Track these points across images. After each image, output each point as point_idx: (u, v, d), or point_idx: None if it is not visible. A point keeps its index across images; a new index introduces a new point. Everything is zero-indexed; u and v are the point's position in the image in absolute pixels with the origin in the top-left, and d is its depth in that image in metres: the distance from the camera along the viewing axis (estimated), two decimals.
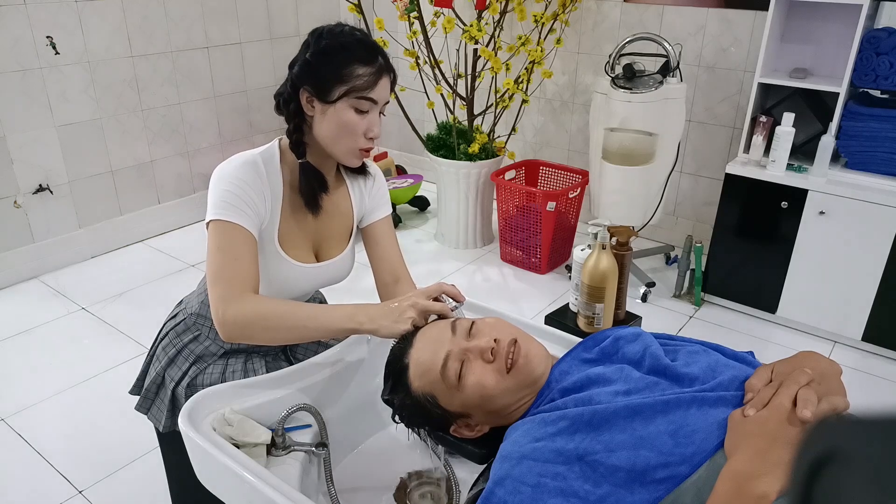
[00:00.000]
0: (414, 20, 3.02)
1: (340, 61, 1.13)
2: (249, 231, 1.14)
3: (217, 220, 1.12)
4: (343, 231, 1.32)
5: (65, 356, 2.49)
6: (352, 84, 1.13)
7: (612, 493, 0.78)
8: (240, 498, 0.99)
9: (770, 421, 0.76)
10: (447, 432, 1.01)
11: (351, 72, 1.12)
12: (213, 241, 1.12)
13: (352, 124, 1.15)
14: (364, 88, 1.13)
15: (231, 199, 1.13)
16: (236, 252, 1.12)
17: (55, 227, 3.10)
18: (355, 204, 1.33)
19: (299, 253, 1.24)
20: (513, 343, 0.95)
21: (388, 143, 4.47)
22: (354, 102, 1.14)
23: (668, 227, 3.38)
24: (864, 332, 2.49)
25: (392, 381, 1.02)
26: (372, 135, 1.17)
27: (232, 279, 1.10)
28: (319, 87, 1.14)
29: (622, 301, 1.80)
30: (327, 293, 1.54)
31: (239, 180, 1.14)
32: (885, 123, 2.38)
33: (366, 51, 1.14)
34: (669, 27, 3.08)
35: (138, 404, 1.36)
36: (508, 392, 0.94)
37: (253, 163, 1.17)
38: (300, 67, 1.15)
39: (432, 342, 0.98)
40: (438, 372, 0.95)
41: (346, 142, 1.17)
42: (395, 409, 1.03)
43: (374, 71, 1.14)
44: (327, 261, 1.29)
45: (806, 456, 0.36)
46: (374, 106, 1.16)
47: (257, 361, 1.30)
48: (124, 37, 3.13)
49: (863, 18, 2.31)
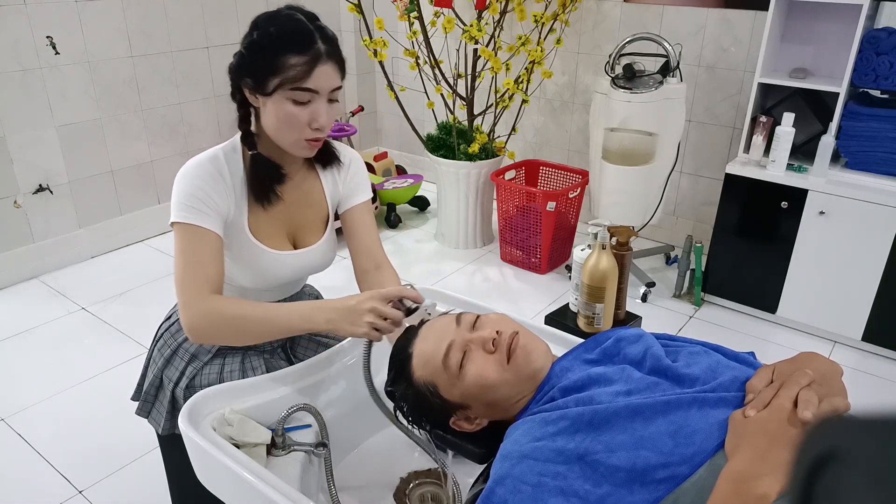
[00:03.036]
0: (414, 20, 3.02)
1: (272, 51, 1.07)
2: (210, 230, 1.13)
3: (177, 222, 1.13)
4: (318, 219, 1.30)
5: (65, 356, 2.49)
6: (284, 75, 1.07)
7: (612, 493, 0.78)
8: (240, 498, 0.99)
9: (771, 421, 0.76)
10: (446, 425, 1.02)
11: (283, 62, 1.07)
12: (177, 244, 1.13)
13: (292, 116, 1.10)
14: (298, 79, 1.07)
15: (189, 201, 1.12)
16: (197, 255, 1.12)
17: (55, 227, 3.10)
18: (328, 191, 1.30)
19: (274, 241, 1.23)
20: (514, 335, 0.97)
21: (388, 143, 4.47)
22: (291, 94, 1.09)
23: (668, 227, 3.38)
24: (864, 332, 2.49)
25: (395, 372, 1.03)
26: (317, 125, 1.12)
27: (192, 283, 1.10)
28: (256, 80, 1.10)
29: (622, 301, 1.80)
30: (324, 290, 1.53)
31: (197, 178, 1.14)
32: (885, 123, 2.38)
33: (299, 38, 1.08)
34: (669, 27, 3.08)
35: (138, 409, 1.35)
36: (508, 383, 0.95)
37: (213, 158, 1.16)
38: (237, 59, 1.12)
39: (436, 333, 1.00)
40: (440, 361, 0.96)
41: (290, 133, 1.13)
42: (396, 401, 1.05)
43: (308, 60, 1.07)
44: (305, 248, 1.27)
45: (806, 456, 0.35)
46: (315, 96, 1.10)
47: (255, 360, 1.29)
48: (124, 37, 3.13)
49: (863, 18, 2.31)
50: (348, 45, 4.15)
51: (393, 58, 3.84)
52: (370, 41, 3.05)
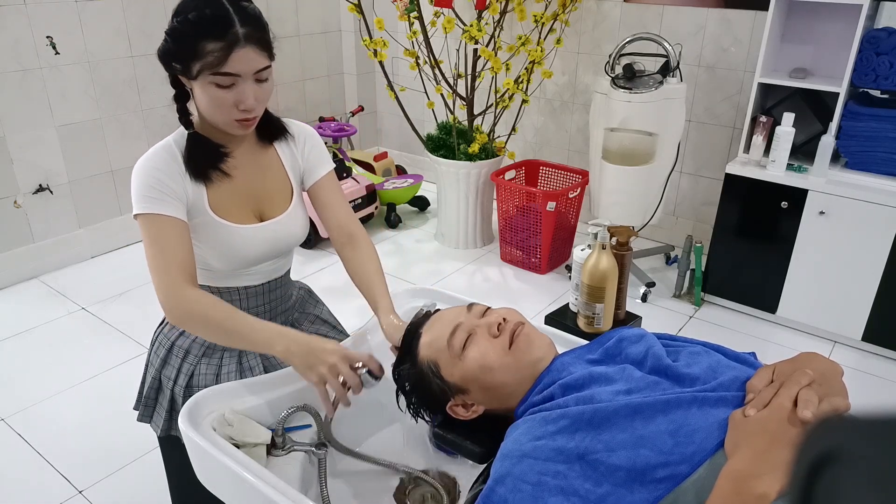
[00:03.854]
0: (414, 20, 3.02)
1: (191, 38, 1.08)
2: (174, 217, 1.14)
3: (140, 214, 1.14)
4: (282, 190, 1.30)
5: (65, 356, 2.49)
6: (203, 61, 1.08)
7: (612, 493, 0.78)
8: (240, 498, 0.99)
9: (771, 421, 0.76)
10: (443, 410, 1.04)
11: (202, 48, 1.07)
12: (144, 235, 1.15)
13: (218, 98, 1.11)
14: (216, 64, 1.07)
15: (148, 192, 1.14)
16: (166, 242, 1.13)
17: (55, 227, 3.10)
18: (287, 163, 1.31)
19: (237, 215, 1.23)
20: (520, 324, 1.01)
21: (388, 143, 4.47)
22: (213, 79, 1.09)
23: (668, 227, 3.38)
24: (864, 332, 2.49)
25: (403, 350, 1.08)
26: (244, 107, 1.12)
27: (168, 268, 1.12)
28: (180, 64, 1.11)
29: (622, 301, 1.80)
30: (324, 290, 1.53)
31: (152, 169, 1.15)
32: (885, 123, 2.38)
33: (214, 24, 1.07)
34: (669, 27, 3.08)
35: (140, 414, 1.35)
36: (507, 368, 0.97)
37: (165, 146, 1.18)
38: (162, 43, 1.13)
39: (447, 318, 1.05)
40: (446, 340, 1.00)
41: (220, 114, 1.14)
42: (399, 381, 1.08)
43: (224, 45, 1.07)
44: (271, 220, 1.27)
45: (806, 456, 0.35)
46: (237, 79, 1.10)
47: (253, 358, 1.30)
48: (124, 37, 3.13)
49: (863, 18, 2.31)
50: (348, 45, 4.15)
51: (393, 58, 3.84)
52: (370, 41, 3.05)
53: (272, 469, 1.03)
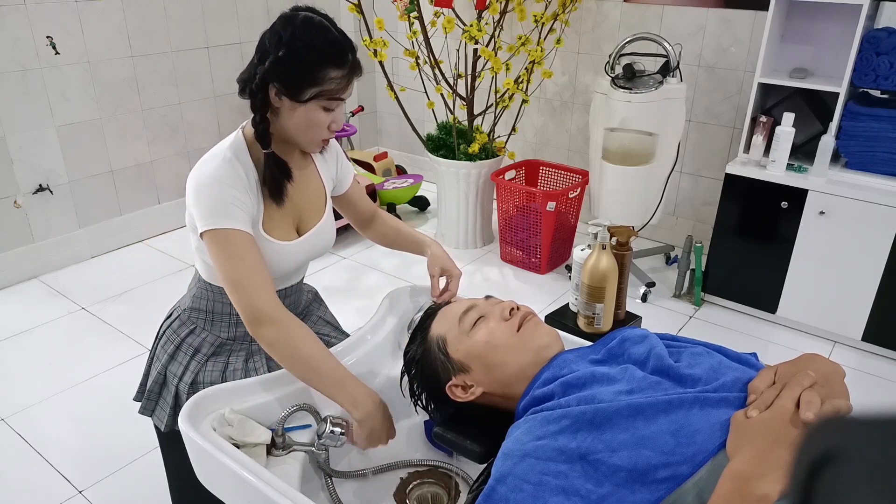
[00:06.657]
0: (414, 20, 3.02)
1: (313, 64, 1.11)
2: (247, 231, 1.14)
3: (216, 229, 1.12)
4: (318, 198, 1.33)
5: (65, 356, 2.49)
6: (324, 87, 1.13)
7: (613, 493, 0.78)
8: (240, 498, 0.99)
9: (773, 422, 0.76)
10: (442, 389, 1.05)
11: (324, 75, 1.12)
12: (222, 250, 1.12)
13: (317, 121, 1.17)
14: (337, 91, 1.15)
15: (225, 208, 1.12)
16: (248, 258, 1.13)
17: (55, 227, 3.10)
18: (323, 173, 1.34)
19: (282, 233, 1.24)
20: (531, 313, 1.07)
21: (389, 143, 4.47)
22: (325, 103, 1.15)
23: (668, 227, 3.38)
24: (864, 332, 2.49)
25: (417, 327, 1.13)
26: (335, 128, 1.20)
27: (255, 287, 1.12)
28: (290, 87, 1.13)
29: (622, 301, 1.80)
30: (324, 290, 1.54)
31: (222, 184, 1.14)
32: (885, 123, 2.38)
33: (338, 52, 1.13)
34: (669, 27, 3.08)
35: (142, 407, 1.36)
36: (512, 349, 1.00)
37: (227, 161, 1.17)
38: (271, 65, 1.12)
39: (464, 301, 1.11)
40: (458, 317, 1.06)
41: (311, 135, 1.19)
42: (405, 359, 1.12)
43: (345, 73, 1.14)
44: (308, 232, 1.29)
45: (806, 456, 0.35)
46: (341, 103, 1.19)
47: (258, 361, 1.30)
48: (124, 37, 3.12)
49: (863, 18, 2.31)
50: None
51: (393, 58, 3.84)
52: (370, 41, 3.05)
53: (272, 469, 1.03)
